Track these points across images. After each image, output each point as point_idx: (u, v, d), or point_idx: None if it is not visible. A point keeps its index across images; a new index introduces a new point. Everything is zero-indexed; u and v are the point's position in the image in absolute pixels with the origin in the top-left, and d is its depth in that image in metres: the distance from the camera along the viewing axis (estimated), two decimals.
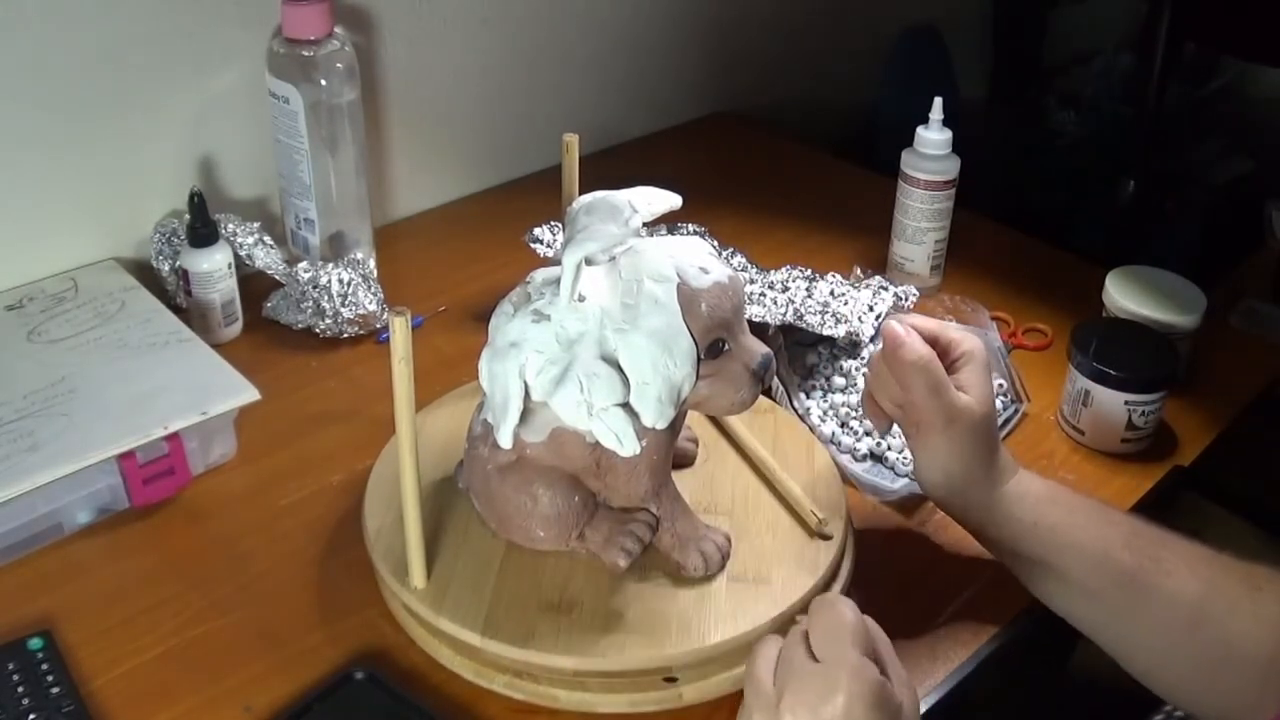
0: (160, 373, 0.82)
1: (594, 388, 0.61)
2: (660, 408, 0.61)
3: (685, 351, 0.61)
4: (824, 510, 0.72)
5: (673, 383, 0.61)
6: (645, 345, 0.60)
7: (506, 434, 0.65)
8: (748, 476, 0.77)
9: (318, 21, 0.94)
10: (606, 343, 0.61)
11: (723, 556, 0.69)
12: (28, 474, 0.72)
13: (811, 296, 0.97)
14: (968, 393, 0.69)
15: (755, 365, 0.64)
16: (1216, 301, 0.96)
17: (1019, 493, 0.70)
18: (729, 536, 0.70)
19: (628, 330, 0.61)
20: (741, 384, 0.64)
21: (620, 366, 0.61)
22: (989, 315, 1.02)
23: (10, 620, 0.70)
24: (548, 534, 0.68)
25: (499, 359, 0.63)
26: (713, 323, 0.62)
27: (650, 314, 0.61)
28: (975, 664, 0.71)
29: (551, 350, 0.61)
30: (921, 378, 0.68)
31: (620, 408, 0.61)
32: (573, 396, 0.61)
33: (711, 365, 0.63)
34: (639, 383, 0.61)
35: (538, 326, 0.62)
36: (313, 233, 1.01)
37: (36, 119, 0.91)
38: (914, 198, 1.03)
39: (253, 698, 0.66)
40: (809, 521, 0.72)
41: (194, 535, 0.78)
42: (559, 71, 1.27)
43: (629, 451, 0.62)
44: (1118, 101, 1.79)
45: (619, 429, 0.62)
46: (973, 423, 0.68)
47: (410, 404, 0.61)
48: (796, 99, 1.56)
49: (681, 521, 0.69)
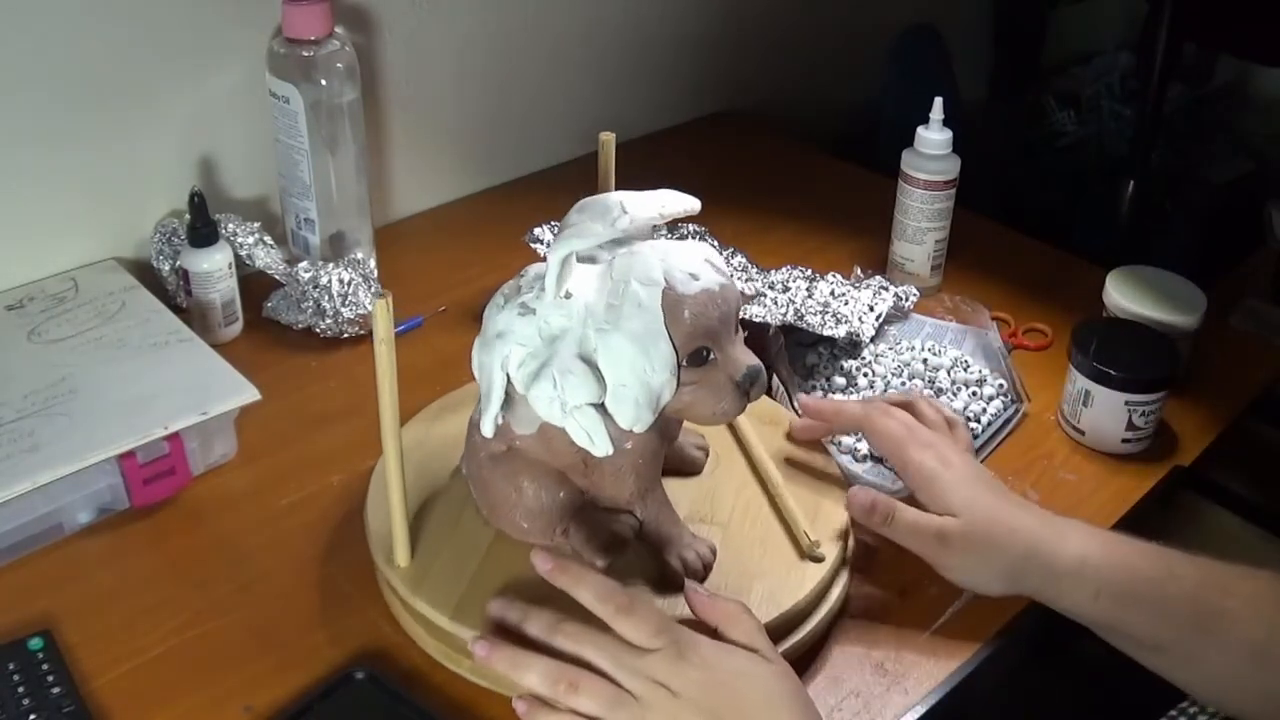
0: (160, 373, 0.82)
1: (567, 385, 0.60)
2: (637, 411, 0.61)
3: (664, 357, 0.60)
4: (822, 532, 0.72)
5: (650, 387, 0.60)
6: (623, 347, 0.60)
7: (489, 423, 0.65)
8: (753, 490, 0.77)
9: (318, 21, 0.94)
10: (587, 341, 0.61)
11: (704, 566, 0.69)
12: (28, 474, 0.72)
13: (812, 296, 0.97)
14: (949, 504, 0.70)
15: (740, 377, 0.62)
16: (1216, 301, 0.96)
17: (1077, 564, 0.67)
18: (714, 548, 0.70)
19: (608, 330, 0.60)
20: (724, 395, 0.62)
21: (598, 366, 0.61)
22: (989, 315, 1.02)
23: (10, 620, 0.70)
24: (532, 526, 0.69)
25: (486, 349, 0.64)
26: (696, 330, 0.61)
27: (632, 316, 0.60)
28: (976, 664, 0.71)
29: (533, 344, 0.61)
30: (895, 532, 0.71)
31: (594, 408, 0.61)
32: (547, 393, 0.61)
33: (695, 373, 0.62)
34: (616, 384, 0.60)
35: (523, 319, 0.62)
36: (313, 233, 1.01)
37: (36, 119, 0.91)
38: (914, 198, 1.03)
39: (253, 698, 0.66)
40: (801, 542, 0.72)
41: (194, 535, 0.78)
42: (559, 71, 1.27)
43: (601, 452, 0.62)
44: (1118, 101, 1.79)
45: (591, 428, 0.61)
46: (963, 533, 0.69)
47: (393, 384, 0.62)
48: (796, 99, 1.56)
49: (667, 527, 0.69)
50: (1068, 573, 0.67)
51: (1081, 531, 0.69)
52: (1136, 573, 0.67)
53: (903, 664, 0.71)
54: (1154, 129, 1.60)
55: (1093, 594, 0.67)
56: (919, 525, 0.70)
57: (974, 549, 0.69)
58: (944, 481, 0.71)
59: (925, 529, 0.70)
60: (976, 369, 0.94)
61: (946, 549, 0.69)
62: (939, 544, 0.70)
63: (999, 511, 0.69)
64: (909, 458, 0.73)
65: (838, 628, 0.72)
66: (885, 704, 0.68)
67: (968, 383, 0.92)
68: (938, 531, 0.69)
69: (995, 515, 0.69)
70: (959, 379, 0.93)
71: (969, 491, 0.70)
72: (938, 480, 0.71)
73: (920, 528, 0.70)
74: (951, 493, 0.70)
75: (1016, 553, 0.68)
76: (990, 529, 0.69)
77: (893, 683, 0.69)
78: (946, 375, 0.93)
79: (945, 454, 0.72)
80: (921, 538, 0.70)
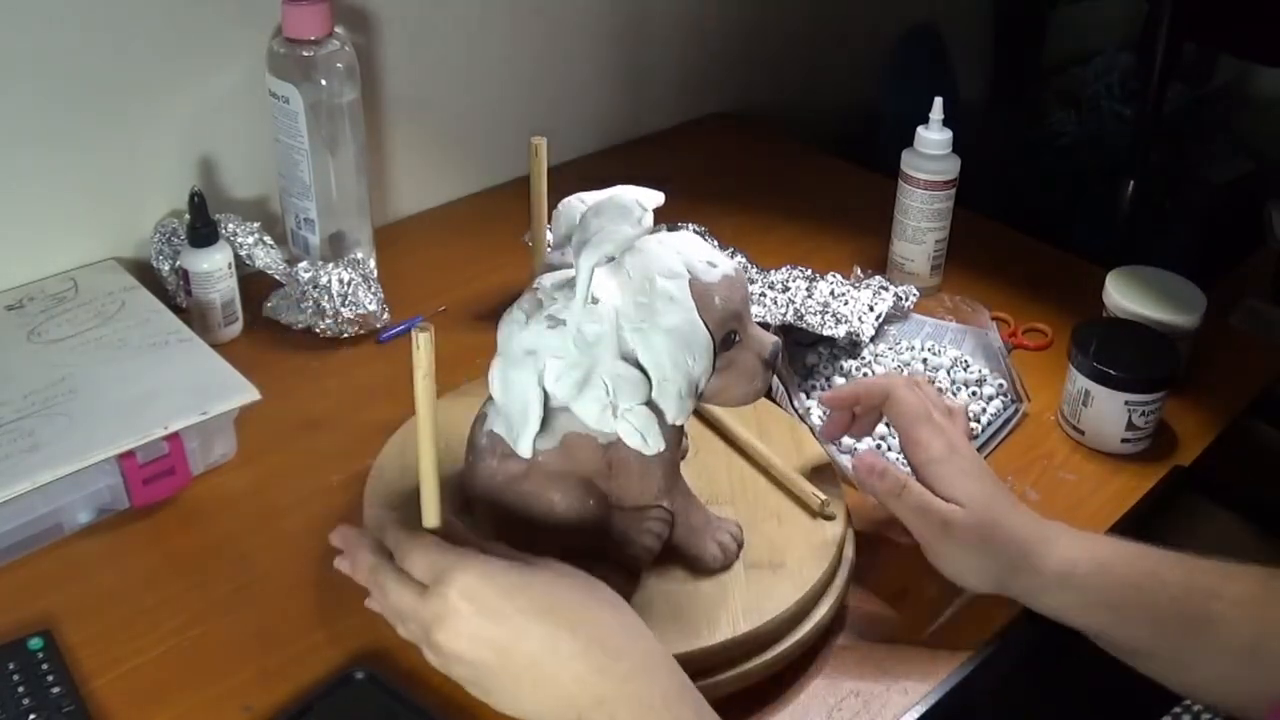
0: (160, 373, 0.82)
1: (620, 389, 0.61)
2: (681, 403, 0.62)
3: (703, 346, 0.62)
4: (822, 492, 0.74)
5: (692, 377, 0.62)
6: (664, 342, 0.61)
7: (527, 443, 0.64)
8: (742, 466, 0.78)
9: (318, 21, 0.94)
10: (624, 343, 0.61)
11: (738, 545, 0.70)
12: (28, 474, 0.72)
13: (811, 296, 0.97)
14: (955, 492, 0.69)
15: (767, 355, 0.65)
16: (1216, 301, 0.96)
17: (1064, 571, 0.67)
18: (740, 525, 0.71)
19: (645, 329, 0.61)
20: (755, 374, 0.65)
21: (640, 365, 0.61)
22: (989, 315, 1.02)
23: (10, 620, 0.70)
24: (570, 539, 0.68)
25: (515, 367, 0.63)
26: (726, 315, 0.63)
27: (667, 311, 0.61)
28: (976, 664, 0.71)
29: (570, 355, 0.61)
30: (902, 505, 0.70)
31: (644, 406, 0.62)
32: (598, 399, 0.61)
33: (724, 357, 0.63)
34: (660, 380, 0.61)
35: (554, 332, 0.61)
36: (313, 233, 1.01)
37: (36, 119, 0.91)
38: (914, 198, 1.03)
39: (253, 698, 0.66)
40: (811, 504, 0.74)
41: (194, 535, 0.78)
42: (559, 71, 1.27)
43: (654, 449, 0.62)
44: (1118, 101, 1.80)
45: (644, 427, 0.62)
46: (968, 526, 0.68)
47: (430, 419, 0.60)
48: (796, 99, 1.56)
49: (694, 515, 0.70)
50: (1054, 580, 0.67)
51: (1069, 538, 0.69)
52: (1124, 580, 0.67)
53: (903, 664, 0.71)
54: (1154, 129, 1.60)
55: (1079, 602, 0.67)
56: (928, 506, 0.69)
57: (971, 543, 0.68)
58: (949, 467, 0.70)
59: (933, 512, 0.69)
60: (976, 369, 0.94)
61: (947, 538, 0.68)
62: (942, 530, 0.68)
63: (998, 511, 0.69)
64: (920, 434, 0.71)
65: (838, 628, 0.72)
66: (885, 704, 0.68)
67: (968, 383, 0.92)
68: (944, 518, 0.68)
69: (995, 514, 0.69)
70: (959, 379, 0.93)
71: (975, 484, 0.69)
72: (943, 464, 0.70)
73: (928, 509, 0.69)
74: (956, 480, 0.69)
75: (1007, 555, 0.68)
76: (988, 527, 0.68)
77: (893, 683, 0.69)
78: (946, 375, 0.93)
79: (954, 441, 0.71)
80: (926, 519, 0.69)
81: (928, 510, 0.69)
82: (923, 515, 0.69)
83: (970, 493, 0.69)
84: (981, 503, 0.69)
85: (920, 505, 0.69)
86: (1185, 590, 0.66)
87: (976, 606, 0.73)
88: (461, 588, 0.58)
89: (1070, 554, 0.68)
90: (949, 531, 0.68)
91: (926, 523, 0.69)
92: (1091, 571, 0.67)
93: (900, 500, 0.70)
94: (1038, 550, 0.68)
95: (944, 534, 0.69)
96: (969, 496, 0.69)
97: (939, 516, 0.69)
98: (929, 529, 0.69)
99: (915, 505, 0.69)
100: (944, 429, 0.72)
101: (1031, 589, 0.68)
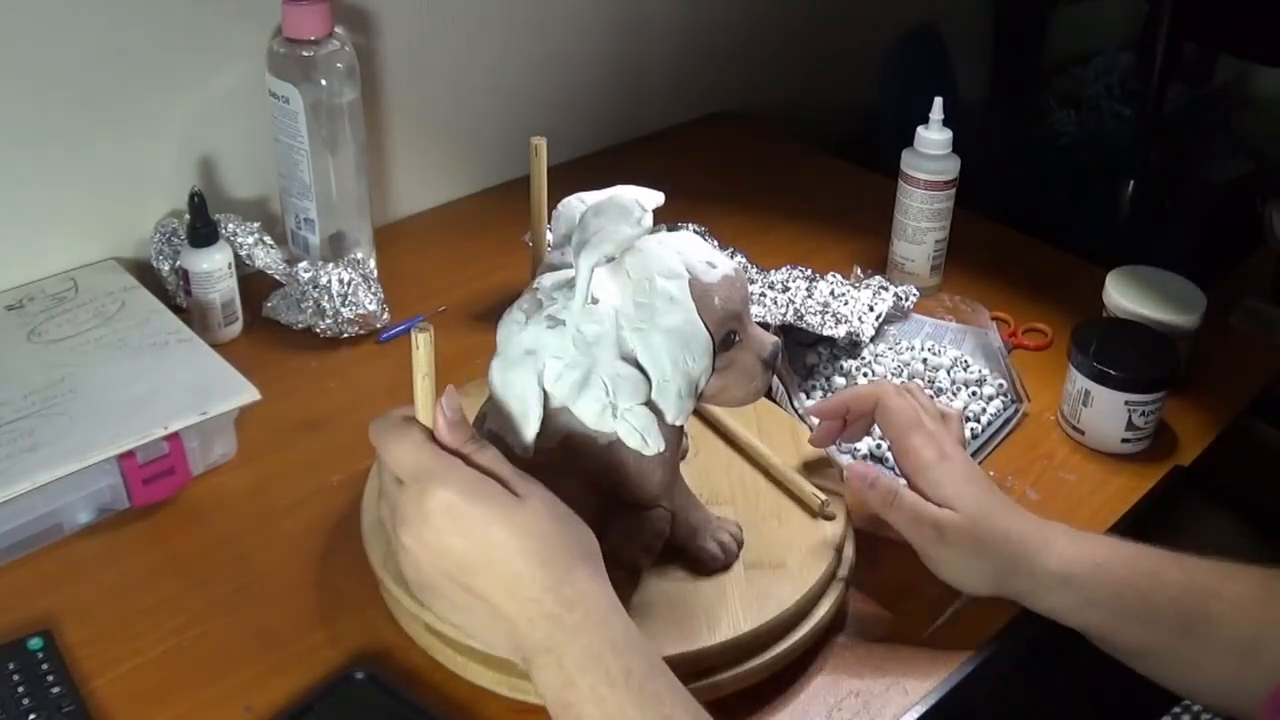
0: (160, 373, 0.82)
1: (619, 389, 0.61)
2: (681, 403, 0.62)
3: (703, 346, 0.62)
4: (822, 492, 0.74)
5: (691, 377, 0.62)
6: (664, 343, 0.61)
7: (527, 443, 0.64)
8: (741, 466, 0.79)
9: (318, 21, 0.94)
10: (624, 343, 0.61)
11: (738, 545, 0.70)
12: (28, 474, 0.72)
13: (811, 296, 0.97)
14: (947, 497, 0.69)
15: (767, 355, 0.65)
16: (1216, 301, 0.96)
17: (1063, 572, 0.67)
18: (739, 525, 0.71)
19: (645, 329, 0.61)
20: (755, 374, 0.65)
21: (640, 365, 0.61)
22: (989, 315, 1.02)
23: (10, 620, 0.70)
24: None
25: (514, 368, 0.63)
26: (726, 315, 0.63)
27: (667, 311, 0.61)
28: (976, 664, 0.71)
29: (570, 355, 0.61)
30: (895, 514, 0.70)
31: (644, 406, 0.62)
32: (598, 399, 0.61)
33: (724, 357, 0.64)
34: (660, 380, 0.61)
35: (553, 332, 0.61)
36: (313, 233, 1.01)
37: (36, 119, 0.91)
38: (914, 198, 1.03)
39: (253, 698, 0.66)
40: (811, 504, 0.74)
41: (194, 535, 0.78)
42: (559, 71, 1.27)
43: (654, 449, 0.62)
44: (1118, 101, 1.79)
45: (644, 427, 0.62)
46: (962, 529, 0.68)
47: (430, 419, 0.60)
48: (796, 99, 1.56)
49: (694, 514, 0.70)
50: (1053, 581, 0.67)
51: (1068, 538, 0.69)
52: (1123, 581, 0.67)
53: (903, 664, 0.71)
54: (1154, 129, 1.60)
55: (1078, 603, 0.67)
56: (920, 512, 0.69)
57: (966, 546, 0.68)
58: (940, 472, 0.70)
59: (925, 517, 0.69)
60: (976, 369, 0.94)
61: (941, 542, 0.69)
62: (936, 535, 0.69)
63: (991, 513, 0.69)
64: (911, 442, 0.72)
65: (838, 628, 0.72)
66: (885, 704, 0.68)
67: (967, 383, 0.93)
68: (937, 522, 0.69)
69: (988, 516, 0.69)
70: (959, 379, 0.93)
71: (966, 488, 0.70)
72: (934, 469, 0.70)
73: (921, 515, 0.69)
74: (948, 484, 0.70)
75: (1004, 557, 0.68)
76: (982, 529, 0.68)
77: (893, 683, 0.69)
78: (946, 375, 0.93)
79: (945, 446, 0.72)
80: (920, 526, 0.69)
81: (921, 516, 0.69)
82: (916, 522, 0.70)
83: (962, 496, 0.69)
84: (974, 505, 0.69)
85: (913, 512, 0.70)
86: (1184, 590, 0.66)
87: (976, 607, 0.73)
88: (442, 500, 0.57)
89: (1069, 554, 0.68)
90: (943, 536, 0.69)
91: (920, 529, 0.70)
92: (1090, 572, 0.67)
93: (893, 509, 0.70)
94: (1036, 551, 0.68)
95: (938, 539, 0.69)
96: (961, 500, 0.69)
97: (932, 521, 0.69)
98: (923, 535, 0.70)
99: (908, 513, 0.70)
100: (935, 435, 0.72)
101: (1030, 590, 0.68)
